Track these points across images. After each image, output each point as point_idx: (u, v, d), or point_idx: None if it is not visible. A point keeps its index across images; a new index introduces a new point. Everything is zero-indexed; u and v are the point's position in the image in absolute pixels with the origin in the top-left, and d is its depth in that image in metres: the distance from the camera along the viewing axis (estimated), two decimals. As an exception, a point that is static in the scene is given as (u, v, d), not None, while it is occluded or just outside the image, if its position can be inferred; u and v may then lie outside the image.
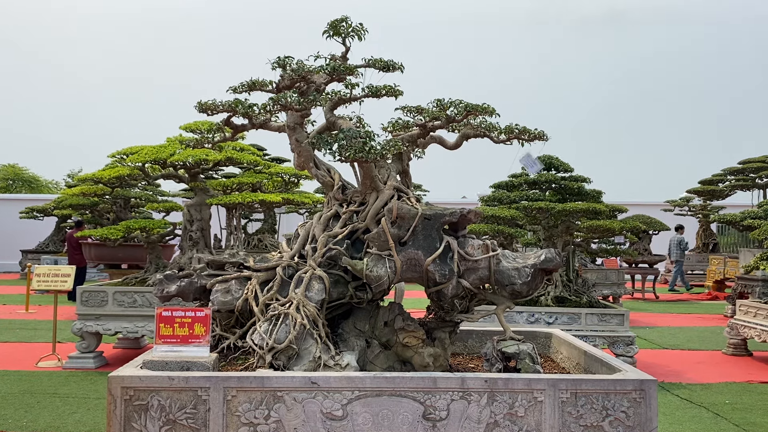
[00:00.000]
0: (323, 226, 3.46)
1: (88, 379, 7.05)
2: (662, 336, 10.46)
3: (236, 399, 2.74)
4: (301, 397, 2.74)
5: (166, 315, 2.99)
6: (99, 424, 5.38)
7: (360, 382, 2.77)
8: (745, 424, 5.64)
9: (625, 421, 2.80)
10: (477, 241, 3.37)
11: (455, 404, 2.76)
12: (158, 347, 3.02)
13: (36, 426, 5.32)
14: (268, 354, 3.00)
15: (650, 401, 2.83)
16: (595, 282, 11.85)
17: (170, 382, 2.74)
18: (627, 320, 7.55)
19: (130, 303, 7.63)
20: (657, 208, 21.31)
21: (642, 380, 2.84)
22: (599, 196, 8.53)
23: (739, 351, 8.94)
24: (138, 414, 2.74)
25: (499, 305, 3.45)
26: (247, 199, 7.60)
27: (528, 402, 2.79)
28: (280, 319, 3.09)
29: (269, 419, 2.74)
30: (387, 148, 3.09)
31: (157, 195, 12.83)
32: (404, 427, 2.75)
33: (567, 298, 7.73)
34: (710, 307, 14.56)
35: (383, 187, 3.40)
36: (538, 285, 3.41)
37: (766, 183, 17.38)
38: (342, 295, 3.34)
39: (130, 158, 7.77)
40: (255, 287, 3.30)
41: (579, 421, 2.79)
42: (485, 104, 3.39)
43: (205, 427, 2.73)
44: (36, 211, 19.92)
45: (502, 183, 8.81)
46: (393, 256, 3.21)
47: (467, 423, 2.75)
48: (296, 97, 3.22)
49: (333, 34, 3.45)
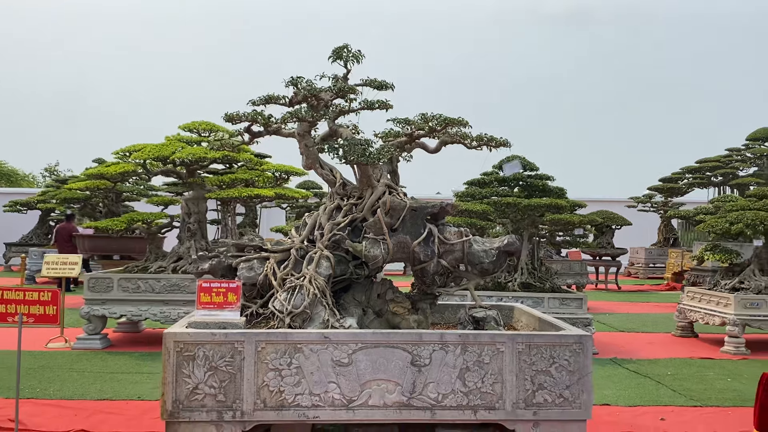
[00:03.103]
0: (328, 216, 4.22)
1: (98, 357, 7.71)
2: (620, 321, 11.42)
3: (265, 350, 3.49)
4: (316, 348, 3.51)
5: (205, 286, 3.73)
6: (119, 393, 6.07)
7: (362, 337, 3.55)
8: (681, 390, 6.55)
9: (567, 367, 3.62)
10: (453, 228, 4.17)
11: (436, 353, 3.55)
12: (198, 312, 3.75)
13: (62, 394, 5.98)
14: (287, 317, 3.76)
15: (587, 352, 3.65)
16: (559, 271, 12.76)
17: (213, 337, 3.49)
18: (585, 304, 8.45)
19: (134, 289, 8.29)
20: (621, 204, 22.41)
21: (580, 335, 3.66)
22: (563, 192, 9.39)
23: (686, 333, 9.92)
24: (187, 362, 3.47)
25: (471, 281, 4.26)
26: (243, 193, 8.30)
27: (492, 352, 3.59)
28: (296, 290, 3.85)
29: (291, 365, 3.49)
30: (382, 153, 3.86)
31: (147, 189, 13.41)
32: (396, 371, 3.53)
33: (532, 284, 8.60)
34: (668, 297, 15.61)
35: (377, 184, 4.17)
36: (502, 264, 4.22)
37: (721, 181, 18.53)
38: (344, 272, 4.12)
39: (134, 155, 8.41)
40: (273, 265, 4.06)
41: (532, 366, 3.60)
42: (460, 117, 4.18)
43: (240, 372, 3.48)
44: (20, 204, 20.24)
45: (475, 180, 9.65)
46: (386, 240, 3.99)
47: (445, 368, 3.54)
48: (309, 111, 3.98)
49: (336, 58, 4.21)
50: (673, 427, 5.34)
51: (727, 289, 9.13)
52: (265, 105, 4.34)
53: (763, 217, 8.76)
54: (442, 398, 3.52)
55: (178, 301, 8.23)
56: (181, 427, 3.45)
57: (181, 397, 3.44)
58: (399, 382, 3.51)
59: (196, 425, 3.45)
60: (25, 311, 3.88)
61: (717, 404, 6.06)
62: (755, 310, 8.64)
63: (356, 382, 3.49)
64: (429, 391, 3.52)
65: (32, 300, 3.88)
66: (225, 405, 3.45)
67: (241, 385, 3.46)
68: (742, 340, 8.63)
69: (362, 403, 3.49)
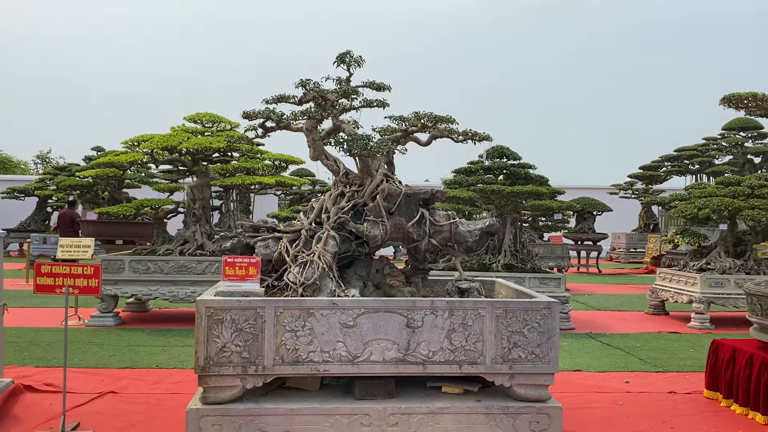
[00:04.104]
0: (333, 201, 4.84)
1: (113, 333, 8.31)
2: (598, 301, 12.16)
3: (282, 314, 4.11)
4: (326, 313, 4.13)
5: (230, 261, 4.34)
6: (138, 363, 6.68)
7: (365, 303, 4.18)
8: (648, 359, 7.27)
9: (537, 329, 4.27)
10: (442, 212, 4.81)
11: (427, 317, 4.19)
12: (223, 283, 4.37)
13: (86, 364, 6.58)
14: (300, 288, 4.39)
15: (554, 315, 4.30)
16: (542, 255, 13.48)
17: (238, 303, 4.10)
18: (563, 283, 9.15)
19: (144, 270, 8.88)
20: (604, 191, 23.19)
21: (549, 302, 4.31)
22: (544, 180, 10.07)
23: (658, 311, 10.67)
24: (216, 325, 4.09)
25: (457, 257, 4.90)
26: (246, 181, 8.89)
27: (475, 316, 4.23)
28: (307, 265, 4.47)
29: (305, 327, 4.12)
30: (381, 147, 4.48)
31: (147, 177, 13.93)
32: (394, 332, 4.16)
33: (514, 265, 9.28)
34: (645, 279, 16.39)
35: (376, 174, 4.79)
36: (484, 243, 4.87)
37: (698, 169, 19.31)
38: (347, 250, 4.74)
39: (142, 145, 8.96)
40: (286, 244, 4.68)
41: (508, 328, 4.24)
42: (449, 116, 4.81)
43: (262, 333, 4.10)
44: (17, 191, 20.66)
45: (462, 169, 10.30)
46: (384, 222, 4.62)
47: (435, 329, 4.18)
48: (318, 110, 4.59)
49: (340, 63, 4.82)
50: (635, 387, 6.04)
51: (695, 269, 9.86)
52: (276, 103, 4.93)
53: (727, 203, 9.47)
54: (433, 355, 4.17)
55: (185, 281, 8.83)
56: (212, 379, 4.07)
57: (212, 354, 4.06)
58: (396, 341, 4.14)
59: (224, 378, 4.07)
60: (71, 283, 4.46)
61: (677, 370, 6.77)
62: (719, 289, 9.38)
63: (360, 342, 4.13)
64: (421, 349, 4.16)
65: (77, 274, 4.46)
66: (249, 361, 4.07)
67: (262, 344, 4.08)
68: (707, 317, 9.37)
69: (365, 359, 4.13)
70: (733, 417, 5.16)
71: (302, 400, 4.18)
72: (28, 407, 5.10)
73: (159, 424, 4.72)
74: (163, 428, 4.64)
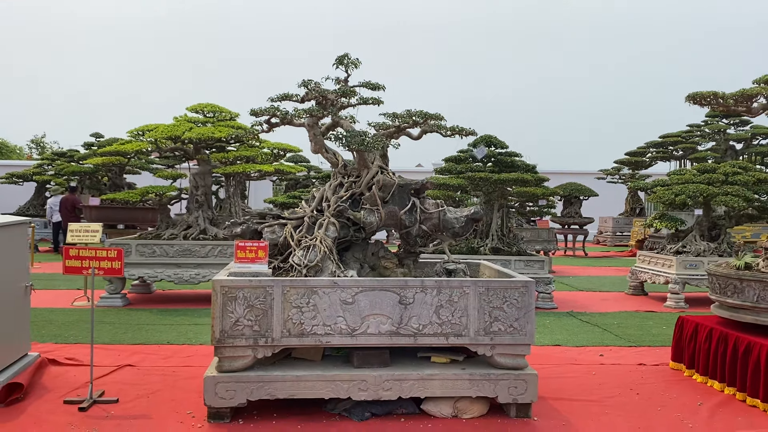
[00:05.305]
0: (332, 191, 5.33)
1: (122, 312, 8.81)
2: (581, 282, 12.75)
3: (289, 292, 4.62)
4: (328, 291, 4.64)
5: (241, 245, 4.83)
6: (149, 339, 7.19)
7: (362, 283, 4.68)
8: (623, 335, 7.84)
9: (516, 304, 4.79)
10: (432, 201, 5.32)
11: (418, 295, 4.71)
12: (235, 264, 4.87)
13: (102, 340, 7.08)
14: (304, 269, 4.89)
15: (531, 293, 4.83)
16: (528, 239, 14.01)
17: (249, 282, 4.60)
18: (547, 265, 9.70)
19: (150, 253, 9.36)
20: (592, 176, 23.76)
21: (526, 281, 4.84)
22: (531, 167, 10.57)
23: (637, 291, 11.25)
24: (230, 301, 4.59)
25: (445, 241, 5.42)
26: (247, 169, 9.35)
27: (460, 293, 4.75)
28: (310, 248, 4.98)
29: (309, 304, 4.63)
30: (376, 142, 4.97)
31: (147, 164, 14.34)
32: (388, 308, 4.68)
33: (501, 248, 9.82)
34: (628, 262, 16.95)
35: (372, 166, 5.28)
36: (469, 228, 5.38)
37: (682, 155, 19.87)
38: (346, 235, 5.24)
39: (147, 134, 9.39)
40: (290, 230, 5.18)
41: (489, 304, 4.76)
42: (437, 113, 5.30)
43: (271, 309, 4.60)
44: (16, 176, 20.98)
45: (452, 157, 10.79)
46: (379, 210, 5.12)
47: (424, 305, 4.70)
48: (319, 109, 5.07)
49: (338, 64, 5.28)
50: (608, 360, 6.61)
51: (671, 252, 10.44)
52: (280, 101, 5.40)
53: (702, 189, 10.03)
54: (423, 328, 4.69)
55: (189, 264, 9.32)
56: (227, 350, 4.58)
57: (226, 328, 4.57)
58: (390, 316, 4.66)
59: (238, 348, 4.59)
60: (96, 265, 4.94)
61: (649, 345, 7.35)
62: (694, 270, 9.96)
63: (358, 316, 4.64)
64: (412, 323, 4.68)
65: (101, 257, 4.94)
66: (259, 333, 4.58)
67: (271, 318, 4.59)
68: (681, 297, 9.96)
69: (362, 332, 4.64)
70: (693, 384, 5.73)
71: (306, 369, 4.70)
72: (55, 378, 5.60)
73: (177, 392, 5.23)
74: (181, 394, 5.15)
